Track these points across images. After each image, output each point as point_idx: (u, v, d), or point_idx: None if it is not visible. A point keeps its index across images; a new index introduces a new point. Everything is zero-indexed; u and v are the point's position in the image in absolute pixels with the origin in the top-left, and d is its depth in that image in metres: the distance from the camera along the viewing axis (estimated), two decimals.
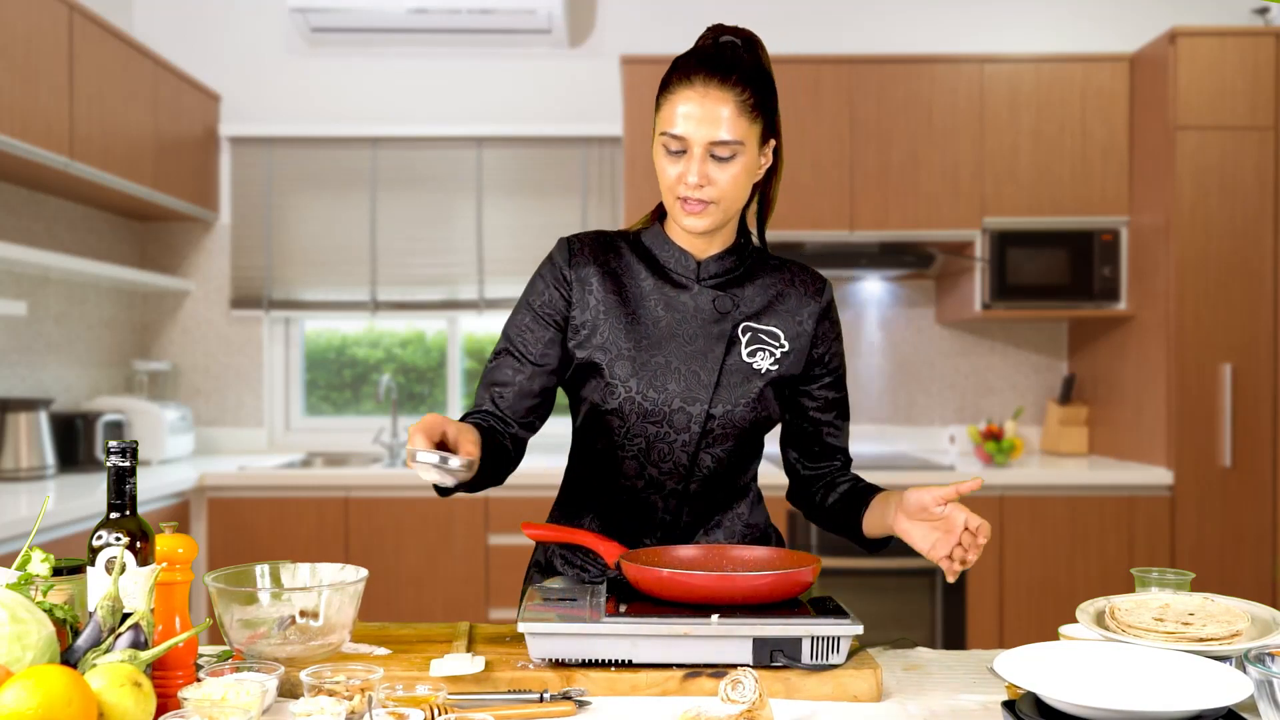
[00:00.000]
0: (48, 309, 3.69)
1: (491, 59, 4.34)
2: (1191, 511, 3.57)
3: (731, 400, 1.53)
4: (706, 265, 1.57)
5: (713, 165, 1.47)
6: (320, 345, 4.51)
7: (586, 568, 1.65)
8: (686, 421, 1.53)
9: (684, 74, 1.49)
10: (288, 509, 3.65)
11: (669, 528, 1.60)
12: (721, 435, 1.55)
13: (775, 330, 1.57)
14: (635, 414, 1.53)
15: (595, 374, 1.54)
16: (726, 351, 1.54)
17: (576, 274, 1.56)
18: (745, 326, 1.56)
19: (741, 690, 1.16)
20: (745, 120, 1.47)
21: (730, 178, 1.48)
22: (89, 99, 3.30)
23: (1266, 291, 3.56)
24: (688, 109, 1.46)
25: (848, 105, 3.88)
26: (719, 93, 1.46)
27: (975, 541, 1.36)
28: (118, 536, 1.18)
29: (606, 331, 1.54)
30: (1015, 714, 1.11)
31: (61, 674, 1.01)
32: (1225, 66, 3.56)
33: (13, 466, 3.33)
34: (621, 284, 1.56)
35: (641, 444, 1.54)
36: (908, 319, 4.36)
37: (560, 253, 1.58)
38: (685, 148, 1.47)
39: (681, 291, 1.56)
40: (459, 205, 4.33)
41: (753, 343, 1.55)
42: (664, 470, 1.56)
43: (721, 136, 1.46)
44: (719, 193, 1.48)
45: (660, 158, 1.50)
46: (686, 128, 1.46)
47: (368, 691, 1.16)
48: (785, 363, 1.56)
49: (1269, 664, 1.10)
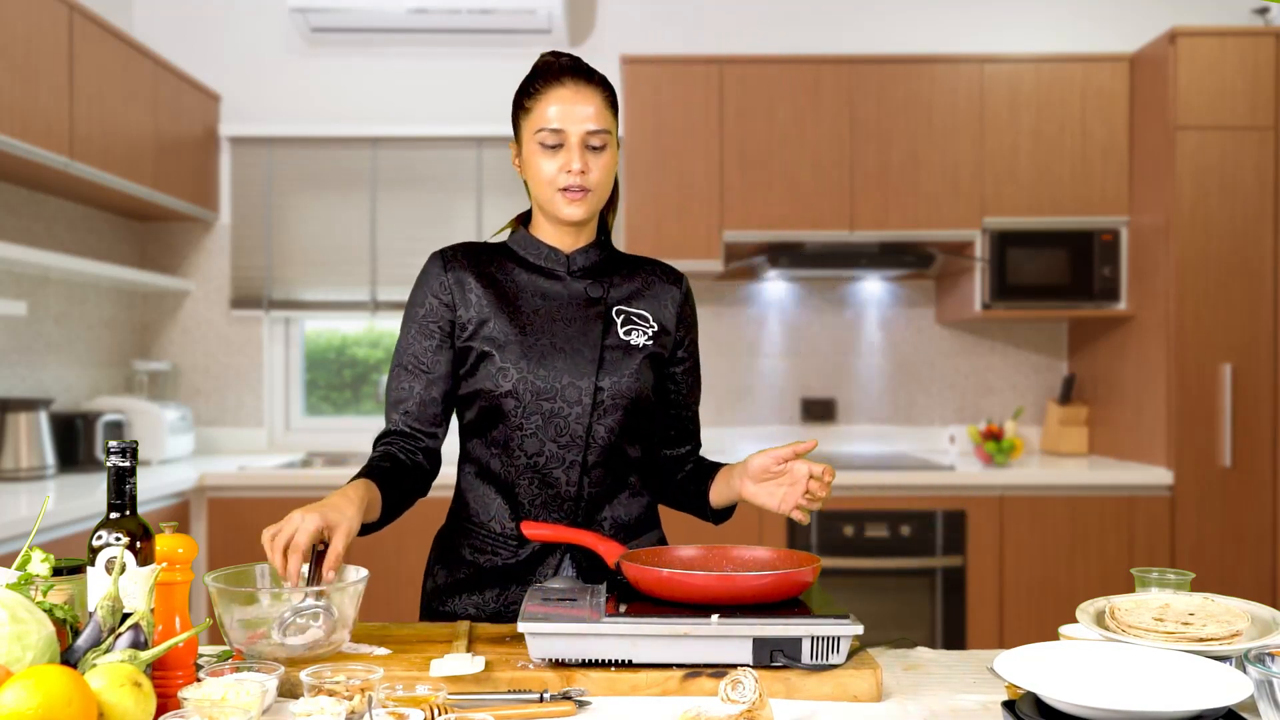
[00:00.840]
0: (48, 309, 3.69)
1: (491, 59, 4.34)
2: (1191, 511, 3.57)
3: (617, 373, 1.64)
4: (575, 258, 1.70)
5: (589, 154, 1.62)
6: (320, 345, 4.51)
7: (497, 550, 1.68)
8: (578, 395, 1.63)
9: (552, 77, 1.64)
10: (288, 509, 3.60)
11: (575, 499, 1.65)
12: (612, 406, 1.64)
13: (644, 313, 1.70)
14: (529, 393, 1.62)
15: (486, 361, 1.63)
16: (605, 332, 1.66)
17: (454, 277, 1.67)
18: (618, 309, 1.69)
19: (741, 690, 1.16)
20: (609, 114, 1.64)
21: (604, 165, 1.63)
22: (89, 99, 3.30)
23: (1266, 291, 3.56)
24: (561, 106, 1.62)
25: (848, 105, 3.88)
26: (587, 90, 1.63)
27: (822, 481, 1.53)
28: (118, 536, 1.18)
29: (492, 323, 1.64)
30: (1015, 714, 1.11)
31: (61, 674, 1.01)
32: (1225, 66, 3.56)
33: (13, 466, 3.33)
34: (497, 281, 1.68)
35: (538, 420, 1.63)
36: (908, 319, 4.36)
37: (434, 264, 1.69)
38: (562, 140, 1.61)
39: (555, 282, 1.68)
40: (459, 205, 4.33)
41: (627, 323, 1.68)
42: (563, 443, 1.64)
43: (594, 126, 1.61)
44: (596, 180, 1.62)
45: (535, 157, 1.63)
46: (563, 121, 1.61)
47: (368, 691, 1.16)
48: (658, 341, 1.70)
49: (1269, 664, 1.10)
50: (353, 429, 4.42)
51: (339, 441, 4.38)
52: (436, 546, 1.81)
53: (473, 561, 1.71)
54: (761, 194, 3.87)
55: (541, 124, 1.62)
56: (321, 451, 4.31)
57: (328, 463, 4.19)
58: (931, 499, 3.62)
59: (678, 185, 3.86)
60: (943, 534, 3.63)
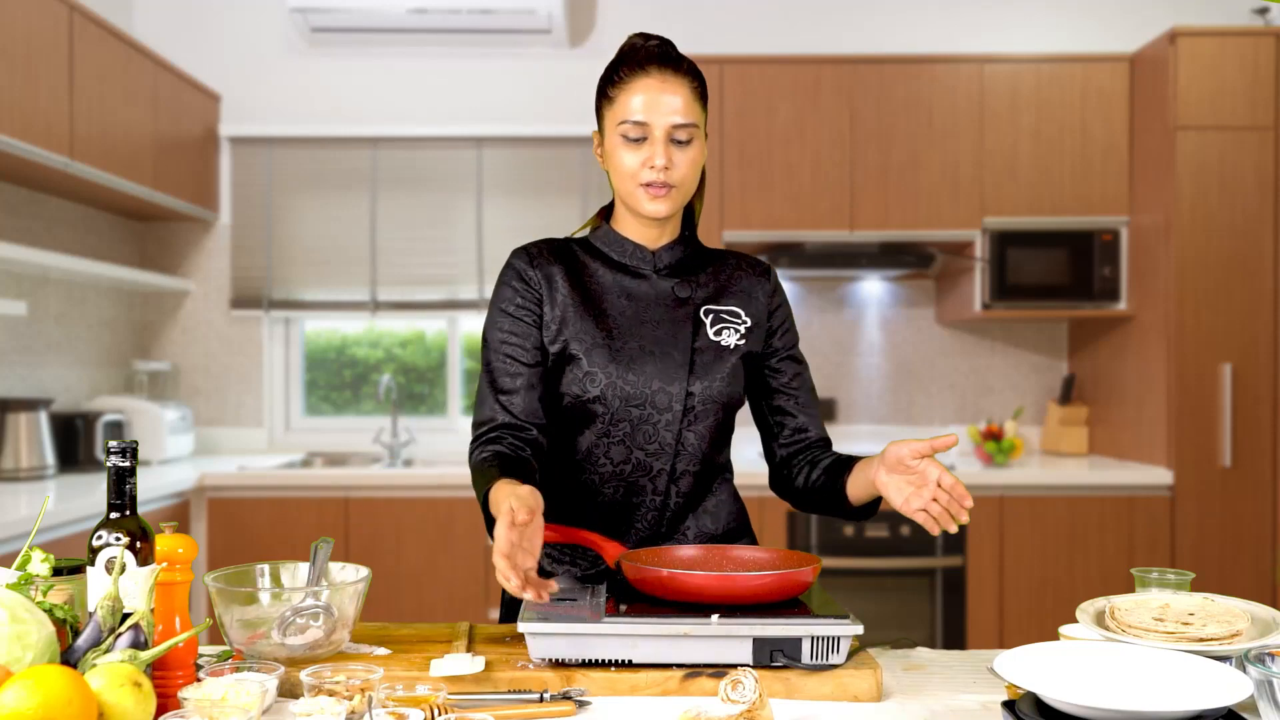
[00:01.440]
0: (48, 309, 3.69)
1: (491, 59, 4.34)
2: (1191, 511, 3.57)
3: (708, 377, 1.58)
4: (660, 255, 1.63)
5: (674, 149, 1.54)
6: (320, 345, 4.51)
7: (577, 562, 1.64)
8: (668, 401, 1.57)
9: (637, 65, 1.55)
10: (287, 509, 3.65)
11: (659, 509, 1.61)
12: (703, 411, 1.58)
13: (735, 309, 1.63)
14: (617, 399, 1.56)
15: (573, 364, 1.56)
16: (694, 333, 1.59)
17: (541, 273, 1.60)
18: (707, 309, 1.61)
19: (741, 690, 1.15)
20: (697, 106, 1.56)
21: (690, 160, 1.55)
22: (89, 99, 3.30)
23: (1266, 291, 3.56)
24: (647, 96, 1.53)
25: (848, 105, 3.88)
26: (675, 80, 1.54)
27: (957, 497, 1.38)
28: (118, 536, 1.18)
29: (577, 323, 1.57)
30: (1015, 714, 1.11)
31: (61, 674, 1.01)
32: (1225, 66, 3.56)
33: (13, 466, 3.33)
34: (582, 280, 1.61)
35: (626, 428, 1.57)
36: (908, 319, 4.35)
37: (519, 259, 1.62)
38: (646, 134, 1.53)
39: (640, 281, 1.61)
40: (459, 205, 4.33)
41: (717, 322, 1.61)
42: (650, 452, 1.58)
43: (680, 120, 1.53)
44: (680, 175, 1.55)
45: (618, 149, 1.55)
46: (648, 113, 1.53)
47: (368, 691, 1.16)
48: (750, 338, 1.62)
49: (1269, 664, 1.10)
50: (353, 429, 4.42)
51: (339, 441, 4.39)
52: None
53: (550, 572, 1.64)
54: (761, 194, 3.87)
55: (625, 115, 1.54)
56: (321, 451, 4.31)
57: (328, 463, 4.19)
58: None
59: None
60: (943, 534, 3.63)
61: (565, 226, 4.27)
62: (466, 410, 4.45)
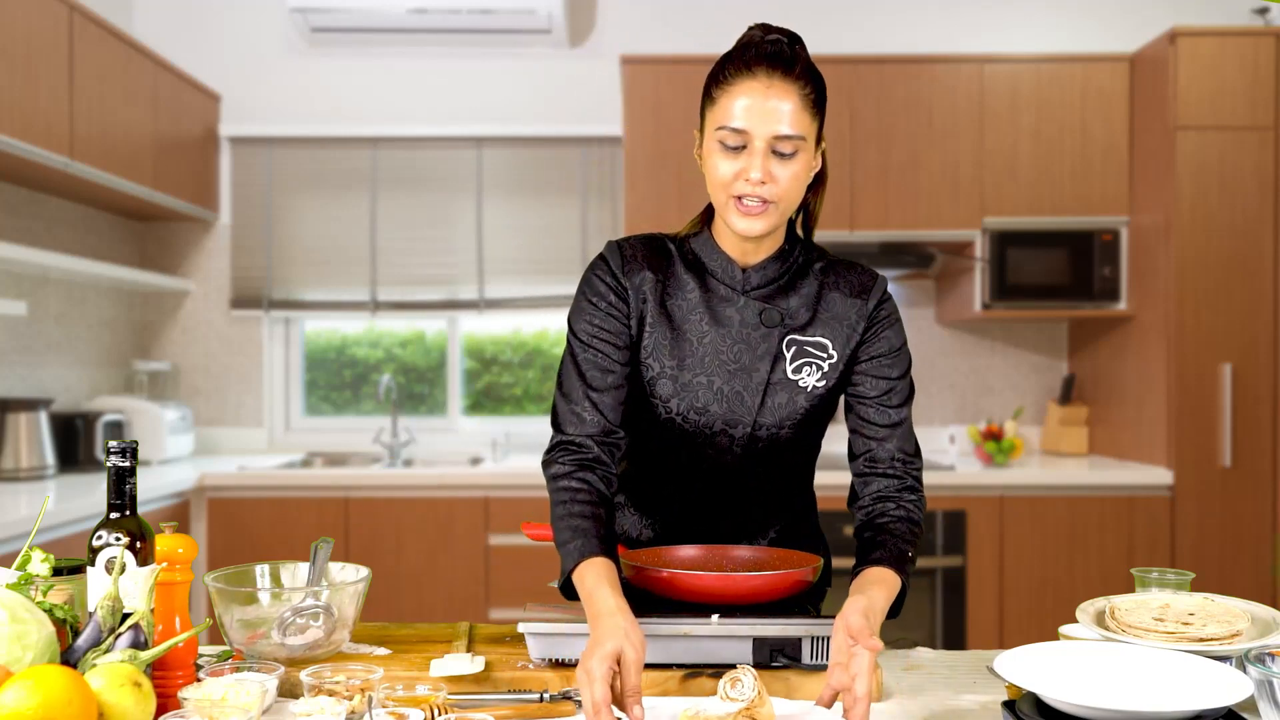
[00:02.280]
0: (48, 309, 3.69)
1: (491, 59, 4.34)
2: (1191, 511, 3.57)
3: (776, 419, 1.49)
4: (751, 275, 1.50)
5: (774, 162, 1.39)
6: (320, 345, 4.51)
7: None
8: (729, 443, 1.50)
9: (744, 65, 1.40)
10: (288, 509, 3.65)
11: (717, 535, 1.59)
12: (768, 451, 1.51)
13: (823, 340, 1.49)
14: (677, 434, 1.50)
15: (640, 384, 1.50)
16: (771, 368, 1.48)
17: (630, 280, 1.50)
18: (790, 340, 1.48)
19: (740, 688, 1.15)
20: (807, 116, 1.40)
21: (791, 175, 1.40)
22: (89, 99, 3.30)
23: (1266, 291, 3.56)
24: (750, 101, 1.38)
25: (848, 105, 3.88)
26: (783, 85, 1.39)
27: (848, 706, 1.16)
28: (118, 536, 1.18)
29: (652, 344, 1.49)
30: (1015, 714, 1.11)
31: (61, 674, 1.01)
32: (1225, 66, 3.56)
33: (13, 466, 3.33)
34: (669, 294, 1.50)
35: (687, 455, 1.52)
36: (908, 319, 4.35)
37: (613, 255, 1.51)
38: (745, 142, 1.39)
39: (726, 305, 1.49)
40: (459, 205, 4.33)
41: (798, 357, 1.49)
42: (712, 481, 1.55)
43: (785, 130, 1.38)
44: (780, 191, 1.40)
45: (714, 155, 1.42)
46: (749, 121, 1.38)
47: (368, 691, 1.16)
48: (833, 376, 1.50)
49: (1269, 664, 1.10)
50: (353, 429, 4.42)
51: (339, 441, 4.39)
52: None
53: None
54: None
55: (724, 120, 1.39)
56: (321, 451, 4.31)
57: (328, 463, 4.19)
58: (931, 499, 3.62)
59: (678, 185, 3.86)
60: (943, 534, 3.63)
61: (566, 227, 4.28)
62: (467, 410, 4.45)
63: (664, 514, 1.61)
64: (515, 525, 3.59)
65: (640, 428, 1.53)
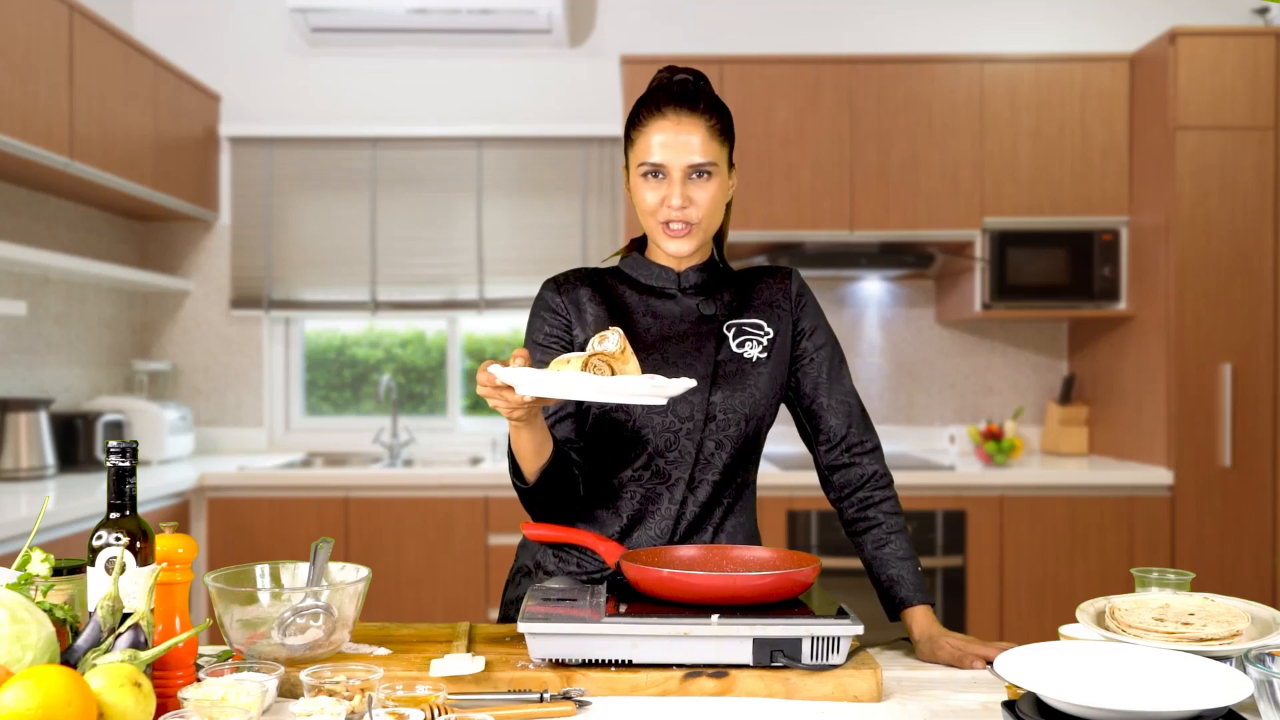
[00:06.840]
0: (48, 309, 3.69)
1: (491, 59, 4.34)
2: (1191, 511, 3.57)
3: (730, 388, 1.60)
4: (686, 275, 1.67)
5: (692, 187, 1.58)
6: (320, 345, 4.51)
7: (582, 564, 1.64)
8: (689, 410, 1.59)
9: (654, 107, 1.59)
10: (288, 509, 3.65)
11: (675, 518, 1.61)
12: (724, 422, 1.60)
13: (758, 321, 1.66)
14: (640, 406, 1.58)
15: None
16: (718, 347, 1.63)
17: (568, 299, 1.66)
18: (730, 323, 1.65)
19: (606, 344, 1.33)
20: (715, 144, 1.59)
21: (709, 197, 1.58)
22: (89, 99, 3.30)
23: (1266, 291, 3.56)
24: (663, 138, 1.57)
25: (848, 105, 3.88)
26: (691, 120, 1.58)
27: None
28: (118, 536, 1.18)
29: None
30: (1015, 714, 1.11)
31: (61, 674, 1.01)
32: (1225, 66, 3.56)
33: (13, 466, 3.33)
34: (610, 300, 1.66)
35: (649, 434, 1.59)
36: (908, 319, 4.35)
37: (548, 289, 1.68)
38: (665, 173, 1.58)
39: (666, 300, 1.66)
40: (459, 205, 4.33)
41: (739, 334, 1.64)
42: (670, 459, 1.60)
43: (697, 160, 1.57)
44: (700, 213, 1.58)
45: (639, 188, 1.61)
46: (664, 155, 1.57)
47: (368, 691, 1.16)
48: (774, 348, 1.65)
49: (1269, 664, 1.10)
50: (353, 429, 4.42)
51: (339, 441, 4.39)
52: (521, 554, 1.75)
53: (556, 572, 1.66)
54: (762, 194, 3.87)
55: (644, 157, 1.59)
56: (321, 451, 4.31)
57: (328, 463, 4.19)
58: (931, 499, 3.62)
59: None
60: (943, 534, 3.63)
61: (566, 227, 4.28)
62: (467, 410, 4.45)
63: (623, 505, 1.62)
64: (515, 525, 3.59)
65: (602, 423, 1.62)
